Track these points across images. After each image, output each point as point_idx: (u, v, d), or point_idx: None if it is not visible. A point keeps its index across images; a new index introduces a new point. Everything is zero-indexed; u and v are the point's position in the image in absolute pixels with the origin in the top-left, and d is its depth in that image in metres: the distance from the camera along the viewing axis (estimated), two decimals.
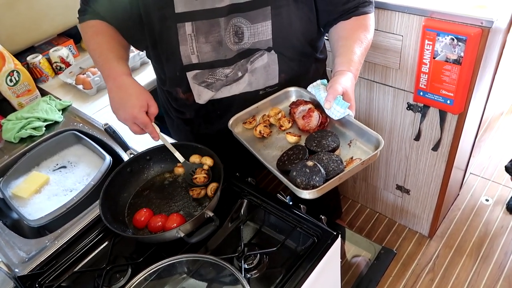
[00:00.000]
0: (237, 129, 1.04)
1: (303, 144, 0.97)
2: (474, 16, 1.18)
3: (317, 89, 1.00)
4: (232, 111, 1.11)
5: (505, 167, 1.92)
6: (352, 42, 1.02)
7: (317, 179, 0.84)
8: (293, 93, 1.09)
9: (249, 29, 1.00)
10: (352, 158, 0.92)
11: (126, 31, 1.07)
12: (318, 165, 0.86)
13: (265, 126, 1.02)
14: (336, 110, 0.94)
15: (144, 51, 1.16)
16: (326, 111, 0.97)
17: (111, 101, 1.00)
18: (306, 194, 0.83)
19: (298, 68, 1.12)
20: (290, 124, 1.03)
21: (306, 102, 1.02)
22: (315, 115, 0.99)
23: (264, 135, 1.02)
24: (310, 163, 0.87)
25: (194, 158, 1.05)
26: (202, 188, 1.00)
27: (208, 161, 1.03)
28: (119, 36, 1.07)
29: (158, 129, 1.00)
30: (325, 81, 1.02)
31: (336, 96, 0.92)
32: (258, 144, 1.02)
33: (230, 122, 1.03)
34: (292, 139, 0.99)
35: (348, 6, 1.04)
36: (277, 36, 1.02)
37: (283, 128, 1.03)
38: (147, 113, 0.97)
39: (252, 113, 1.06)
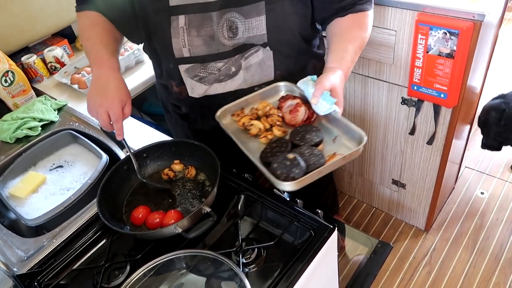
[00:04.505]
0: (225, 121, 1.04)
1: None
2: (466, 10, 1.19)
3: (305, 85, 1.01)
4: None
5: None
6: (345, 40, 1.02)
7: (297, 171, 0.84)
8: (283, 87, 1.09)
9: (243, 23, 1.00)
10: (335, 153, 0.92)
11: (121, 25, 1.08)
12: (298, 158, 0.86)
13: (250, 118, 1.02)
14: (322, 106, 0.94)
15: (138, 50, 1.16)
16: (313, 106, 0.97)
17: (92, 86, 0.99)
18: (286, 186, 0.83)
19: (293, 65, 1.12)
20: (278, 115, 1.03)
21: (294, 97, 1.03)
22: (302, 109, 0.99)
23: (247, 127, 1.01)
24: (290, 155, 0.87)
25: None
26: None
27: (177, 167, 1.08)
28: (114, 30, 1.07)
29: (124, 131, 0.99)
30: (314, 77, 1.02)
31: (323, 91, 0.93)
32: (244, 136, 1.02)
33: (218, 113, 1.03)
34: (278, 132, 0.99)
35: (343, 4, 1.04)
36: (271, 31, 1.02)
37: (270, 119, 1.02)
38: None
39: (241, 105, 1.06)
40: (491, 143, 1.76)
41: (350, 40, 1.02)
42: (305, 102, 1.01)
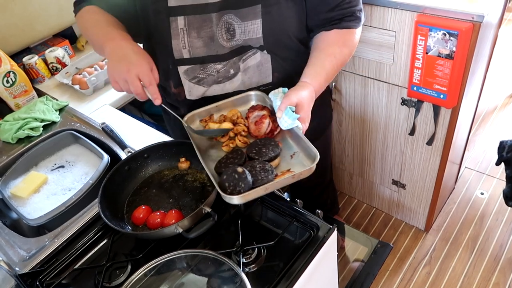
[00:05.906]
0: (193, 125, 1.03)
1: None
2: (465, 11, 1.20)
3: (275, 97, 1.00)
4: None
5: None
6: (324, 56, 1.02)
7: (242, 185, 0.84)
8: (254, 97, 1.08)
9: (240, 26, 1.01)
10: (289, 170, 0.91)
11: (123, 23, 1.06)
12: (246, 172, 0.86)
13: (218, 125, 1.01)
14: (284, 120, 0.93)
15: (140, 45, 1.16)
16: (277, 120, 0.96)
17: (110, 59, 0.92)
18: (231, 199, 0.83)
19: (291, 67, 1.12)
20: (244, 125, 1.02)
21: (263, 108, 1.01)
22: (266, 122, 0.98)
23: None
24: (239, 169, 0.86)
25: (212, 125, 1.02)
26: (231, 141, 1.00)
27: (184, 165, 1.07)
28: (118, 22, 1.05)
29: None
30: (286, 89, 1.01)
31: (287, 106, 0.92)
32: (208, 143, 1.01)
33: (186, 117, 1.02)
34: (239, 142, 0.98)
35: (331, 16, 1.03)
36: (267, 35, 1.02)
37: (236, 128, 1.01)
38: None
39: (211, 111, 1.06)
40: None
41: (329, 56, 1.02)
42: (272, 114, 1.00)
